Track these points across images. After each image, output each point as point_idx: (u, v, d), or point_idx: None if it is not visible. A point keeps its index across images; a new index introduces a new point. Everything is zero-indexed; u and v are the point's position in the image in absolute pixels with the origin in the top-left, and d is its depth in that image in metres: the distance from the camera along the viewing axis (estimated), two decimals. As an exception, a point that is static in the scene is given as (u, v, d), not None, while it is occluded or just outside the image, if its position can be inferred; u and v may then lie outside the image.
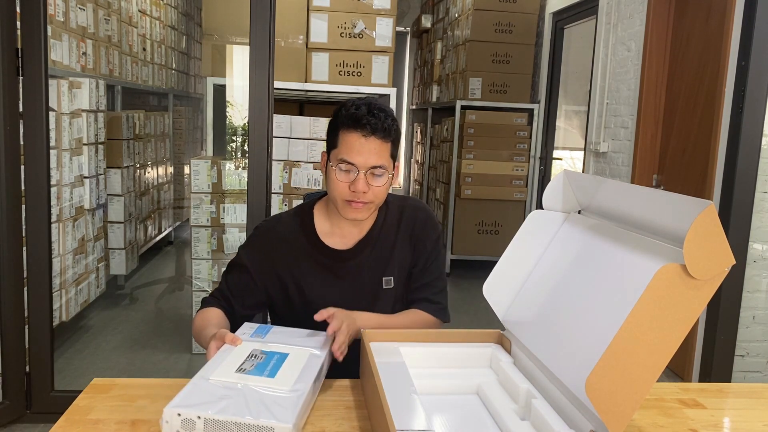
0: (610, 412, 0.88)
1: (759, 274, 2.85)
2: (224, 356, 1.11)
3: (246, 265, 1.45)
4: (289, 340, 1.21)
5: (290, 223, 1.47)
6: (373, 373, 1.07)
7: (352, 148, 1.32)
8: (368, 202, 1.35)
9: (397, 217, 1.49)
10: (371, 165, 1.32)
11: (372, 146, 1.32)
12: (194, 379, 1.02)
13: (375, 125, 1.31)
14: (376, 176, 1.33)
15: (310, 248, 1.44)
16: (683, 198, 0.93)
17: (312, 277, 1.45)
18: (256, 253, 1.46)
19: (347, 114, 1.33)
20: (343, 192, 1.34)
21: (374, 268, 1.46)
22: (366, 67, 3.21)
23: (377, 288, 1.46)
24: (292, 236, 1.46)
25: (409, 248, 1.48)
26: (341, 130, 1.34)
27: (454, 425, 1.08)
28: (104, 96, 3.67)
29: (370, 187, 1.33)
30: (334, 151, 1.36)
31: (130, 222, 4.22)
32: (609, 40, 3.92)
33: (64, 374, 2.87)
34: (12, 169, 2.30)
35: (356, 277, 1.45)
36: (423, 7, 7.20)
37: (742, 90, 2.29)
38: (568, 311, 1.12)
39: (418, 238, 1.48)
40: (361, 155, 1.31)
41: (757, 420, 1.20)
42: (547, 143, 5.19)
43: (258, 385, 1.03)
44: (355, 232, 1.45)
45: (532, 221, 1.28)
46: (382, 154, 1.33)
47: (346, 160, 1.32)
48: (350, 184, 1.32)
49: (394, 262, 1.47)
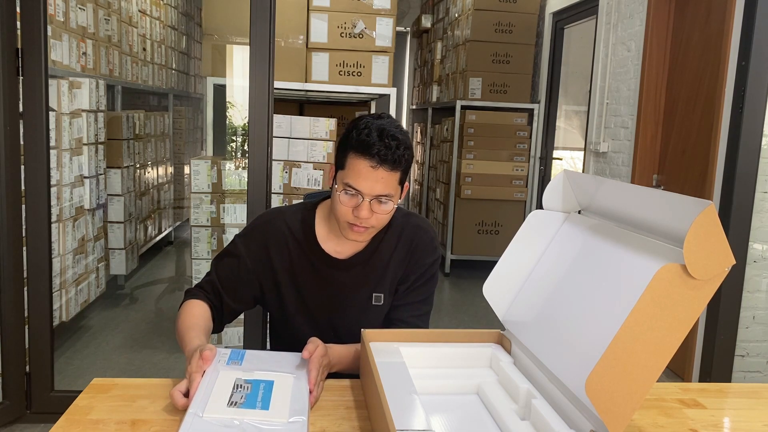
0: (610, 412, 0.88)
1: (759, 274, 2.85)
2: (209, 388, 1.08)
3: (242, 254, 1.41)
4: (268, 366, 1.18)
5: (292, 219, 1.44)
6: (373, 373, 1.07)
7: (359, 175, 1.26)
8: (370, 227, 1.32)
9: (398, 234, 1.44)
10: (377, 194, 1.28)
11: (379, 176, 1.26)
12: (187, 417, 1.00)
13: (384, 156, 1.25)
14: (381, 204, 1.29)
15: (307, 249, 1.42)
16: (683, 198, 0.93)
17: (306, 276, 1.42)
18: (254, 243, 1.42)
19: (358, 139, 1.27)
20: (346, 215, 1.30)
21: (366, 283, 1.43)
22: (366, 67, 3.21)
23: (367, 302, 1.43)
24: (292, 233, 1.43)
25: (402, 266, 1.44)
26: (350, 153, 1.28)
27: (454, 425, 1.08)
28: (104, 96, 3.67)
29: (374, 214, 1.29)
30: (341, 173, 1.30)
31: (130, 222, 4.22)
32: (609, 40, 3.92)
33: (64, 374, 2.87)
34: (12, 169, 2.30)
35: (347, 287, 1.43)
36: (423, 7, 7.20)
37: (742, 90, 2.29)
38: (568, 311, 1.12)
39: (413, 257, 1.44)
40: (367, 183, 1.26)
41: (757, 420, 1.20)
42: (547, 143, 5.19)
43: (254, 419, 1.00)
44: (353, 243, 1.42)
45: (532, 221, 1.28)
46: (389, 183, 1.28)
47: (352, 186, 1.27)
48: (354, 209, 1.29)
49: (386, 280, 1.43)
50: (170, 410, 1.11)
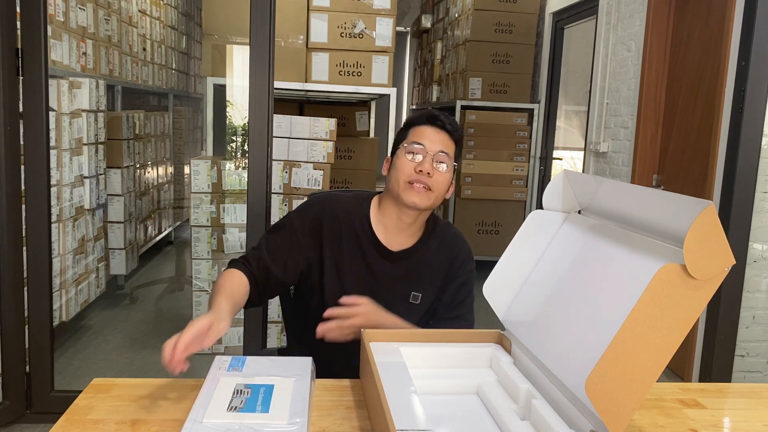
0: (610, 412, 0.88)
1: (759, 274, 2.85)
2: (209, 394, 1.09)
3: (296, 227, 1.45)
4: (269, 371, 1.19)
5: (347, 203, 1.49)
6: (373, 373, 1.07)
7: (423, 134, 1.41)
8: (429, 189, 1.39)
9: (440, 238, 1.51)
10: (438, 149, 1.40)
11: (441, 137, 1.41)
12: (187, 423, 1.00)
13: (444, 123, 1.42)
14: (441, 163, 1.40)
15: (361, 235, 1.45)
16: (683, 198, 0.93)
17: (352, 263, 1.45)
18: (308, 219, 1.46)
19: (420, 116, 1.44)
20: (408, 172, 1.39)
21: (408, 279, 1.47)
22: (366, 67, 3.20)
23: (404, 299, 1.47)
24: (346, 216, 1.46)
25: (442, 275, 1.50)
26: (413, 126, 1.44)
27: (454, 425, 1.08)
28: (104, 96, 3.67)
29: (435, 172, 1.39)
30: (404, 142, 1.43)
31: (130, 222, 4.22)
32: (609, 40, 3.92)
33: (64, 374, 2.87)
34: (12, 169, 2.30)
35: (390, 280, 1.46)
36: (423, 7, 7.20)
37: (742, 90, 2.29)
38: (568, 311, 1.12)
39: (453, 264, 1.50)
40: (432, 140, 1.40)
41: (757, 420, 1.20)
42: (547, 143, 5.19)
43: (254, 422, 1.00)
44: (401, 239, 1.47)
45: (532, 221, 1.28)
46: (448, 147, 1.42)
47: (417, 141, 1.40)
48: (416, 166, 1.38)
49: (426, 280, 1.48)
50: (170, 410, 1.11)
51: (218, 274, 2.92)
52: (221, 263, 3.14)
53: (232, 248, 3.14)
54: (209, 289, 3.13)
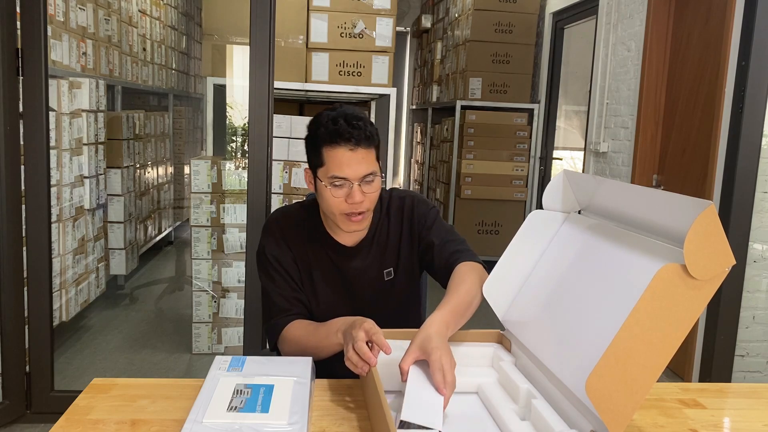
0: (610, 412, 0.88)
1: (759, 274, 2.85)
2: (209, 394, 1.09)
3: (276, 256, 1.45)
4: (269, 371, 1.19)
5: (299, 213, 1.50)
6: (373, 373, 1.07)
7: (341, 163, 1.31)
8: (365, 211, 1.37)
9: (386, 208, 1.51)
10: (362, 175, 1.32)
11: (359, 156, 1.31)
12: (187, 423, 1.00)
13: (358, 137, 1.31)
14: (369, 183, 1.34)
15: (318, 239, 1.47)
16: (683, 198, 0.93)
17: (319, 264, 1.47)
18: (275, 245, 1.46)
19: (327, 131, 1.32)
20: (340, 206, 1.34)
21: (376, 263, 1.49)
22: (366, 67, 3.21)
23: (379, 281, 1.49)
24: (302, 224, 1.48)
25: (407, 235, 1.50)
26: (324, 147, 1.33)
27: (454, 425, 1.08)
28: (104, 96, 3.67)
29: (366, 195, 1.34)
30: (322, 169, 1.35)
31: (130, 222, 4.22)
32: (609, 40, 3.92)
33: (64, 374, 2.87)
34: (12, 169, 2.30)
35: (359, 272, 1.48)
36: (423, 7, 7.20)
37: (742, 90, 2.29)
38: (568, 311, 1.11)
39: (413, 221, 1.50)
40: (351, 168, 1.31)
41: (757, 420, 1.20)
42: (547, 143, 5.19)
43: (254, 422, 1.00)
44: (356, 233, 1.48)
45: (532, 221, 1.28)
46: (370, 161, 1.33)
47: (338, 175, 1.32)
48: (346, 198, 1.33)
49: (391, 252, 1.50)
50: (170, 410, 1.11)
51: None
52: (221, 263, 3.14)
53: (232, 248, 3.14)
54: (209, 288, 3.13)
